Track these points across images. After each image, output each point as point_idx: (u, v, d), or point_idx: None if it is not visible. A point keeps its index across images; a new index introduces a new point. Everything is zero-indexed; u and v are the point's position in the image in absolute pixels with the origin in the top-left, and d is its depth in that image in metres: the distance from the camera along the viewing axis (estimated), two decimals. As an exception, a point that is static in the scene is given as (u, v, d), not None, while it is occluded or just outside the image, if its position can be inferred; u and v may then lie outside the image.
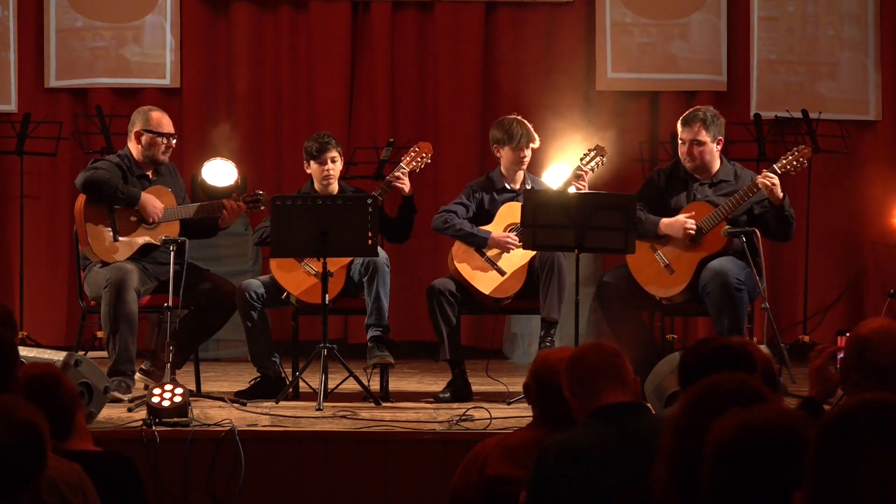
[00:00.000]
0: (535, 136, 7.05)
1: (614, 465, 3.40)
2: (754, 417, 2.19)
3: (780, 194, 6.75)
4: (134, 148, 6.99)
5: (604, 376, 3.59)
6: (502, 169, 7.12)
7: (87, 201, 6.86)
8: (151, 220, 6.86)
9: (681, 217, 6.90)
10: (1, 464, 2.57)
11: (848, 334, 3.74)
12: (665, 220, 6.92)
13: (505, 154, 7.07)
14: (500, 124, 7.12)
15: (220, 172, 8.06)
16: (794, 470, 2.03)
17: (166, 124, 7.00)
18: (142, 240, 6.88)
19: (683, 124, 6.97)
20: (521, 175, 7.11)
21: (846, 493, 1.88)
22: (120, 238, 6.87)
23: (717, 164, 7.01)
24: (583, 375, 3.61)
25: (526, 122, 7.08)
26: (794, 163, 6.85)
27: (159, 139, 6.95)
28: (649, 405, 5.37)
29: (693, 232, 6.85)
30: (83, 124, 8.72)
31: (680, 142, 7.02)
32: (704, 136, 6.92)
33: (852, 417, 1.93)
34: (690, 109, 7.11)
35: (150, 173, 7.02)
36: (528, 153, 7.04)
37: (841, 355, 3.70)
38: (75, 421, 3.67)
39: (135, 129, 6.98)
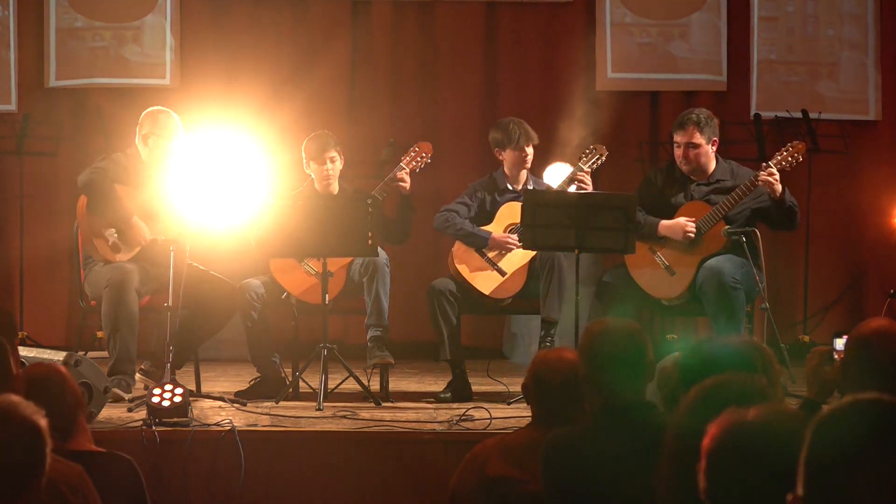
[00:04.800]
0: (534, 134, 7.06)
1: (620, 463, 3.38)
2: (749, 417, 2.19)
3: (779, 189, 6.76)
4: (142, 149, 7.00)
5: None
6: (506, 170, 7.13)
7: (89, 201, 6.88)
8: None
9: (681, 220, 6.90)
10: (1, 464, 2.57)
11: (847, 335, 3.74)
12: (664, 222, 6.92)
13: (507, 156, 7.08)
14: (498, 126, 7.14)
15: None
16: (788, 470, 2.03)
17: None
18: (144, 240, 6.88)
19: (677, 128, 7.00)
20: (523, 175, 7.11)
21: (839, 493, 1.87)
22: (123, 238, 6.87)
23: (712, 165, 7.02)
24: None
25: (523, 121, 7.10)
26: (789, 158, 6.87)
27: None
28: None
29: (693, 234, 6.85)
30: (83, 124, 8.71)
31: (675, 145, 7.03)
32: (699, 139, 6.94)
33: (844, 417, 1.93)
34: (683, 112, 7.13)
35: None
36: (529, 151, 7.05)
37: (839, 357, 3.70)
38: (77, 421, 3.67)
39: (143, 132, 6.98)
